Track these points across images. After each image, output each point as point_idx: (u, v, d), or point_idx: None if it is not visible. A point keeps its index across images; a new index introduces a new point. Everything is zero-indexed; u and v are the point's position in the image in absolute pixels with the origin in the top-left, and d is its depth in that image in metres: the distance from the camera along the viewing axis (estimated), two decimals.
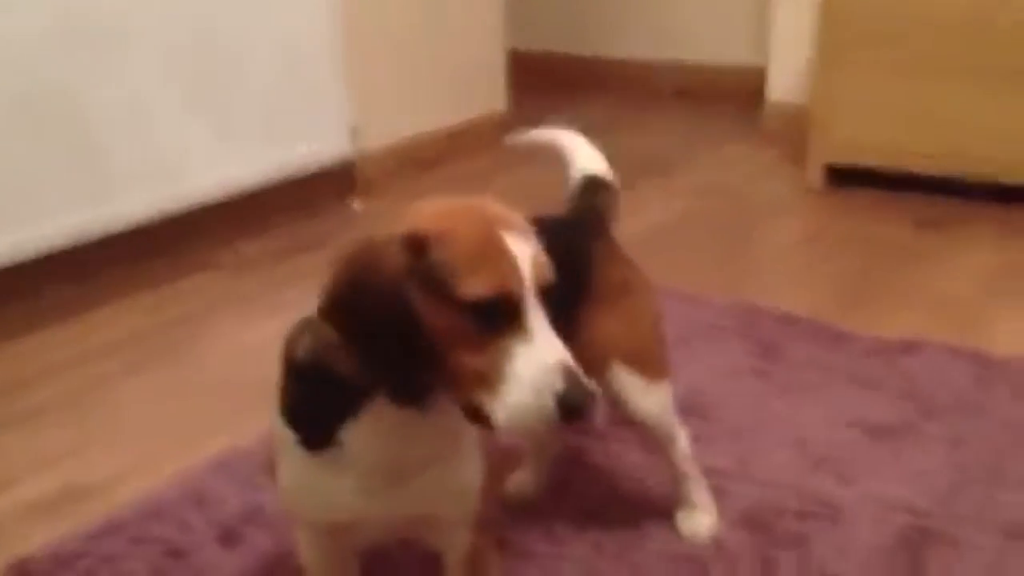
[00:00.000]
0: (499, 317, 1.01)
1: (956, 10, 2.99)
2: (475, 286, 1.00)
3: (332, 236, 3.02)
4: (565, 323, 1.33)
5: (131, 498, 1.81)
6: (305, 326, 1.14)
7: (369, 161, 3.41)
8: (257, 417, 2.08)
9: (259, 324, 2.54)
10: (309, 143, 3.13)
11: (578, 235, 1.49)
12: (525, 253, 1.03)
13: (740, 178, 3.50)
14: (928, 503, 1.67)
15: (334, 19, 3.14)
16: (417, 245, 1.02)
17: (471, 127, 3.83)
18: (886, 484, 1.72)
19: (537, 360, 1.01)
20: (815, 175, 3.33)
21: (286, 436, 1.18)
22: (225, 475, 1.85)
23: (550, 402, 1.00)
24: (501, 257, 1.02)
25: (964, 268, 2.66)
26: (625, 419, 1.55)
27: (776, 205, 3.30)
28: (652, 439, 1.61)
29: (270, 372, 2.32)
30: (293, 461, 1.19)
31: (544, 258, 1.06)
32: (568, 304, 1.38)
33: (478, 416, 1.04)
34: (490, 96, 3.99)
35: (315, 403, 1.14)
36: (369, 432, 1.12)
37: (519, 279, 1.02)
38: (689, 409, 1.97)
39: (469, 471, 1.21)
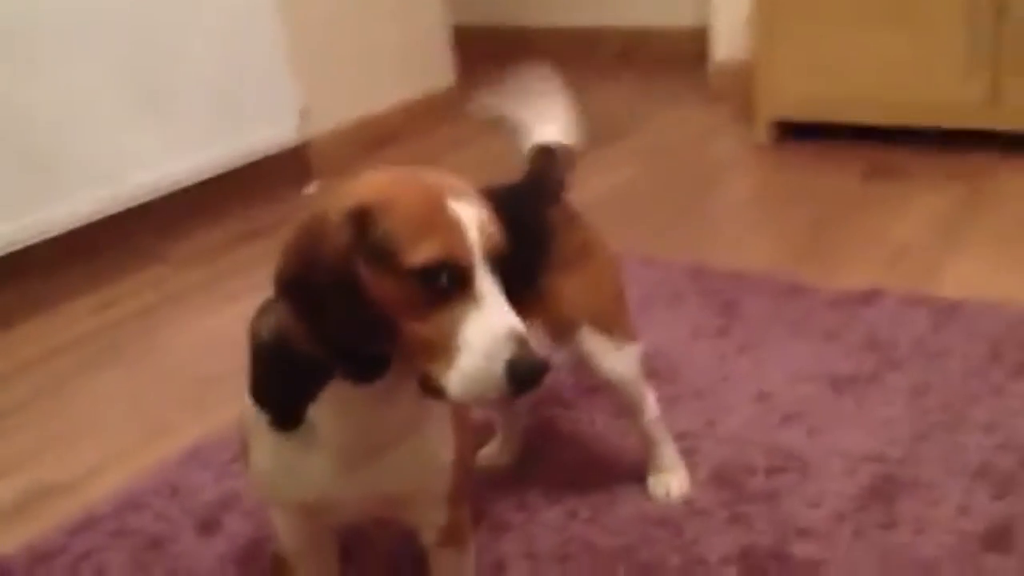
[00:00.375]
0: (447, 284, 1.00)
1: None
2: (420, 253, 0.99)
3: (287, 221, 3.00)
4: (530, 291, 1.37)
5: (105, 493, 1.80)
6: (268, 306, 1.14)
7: (321, 143, 3.39)
8: (222, 405, 2.08)
9: (218, 312, 2.53)
10: (259, 129, 3.10)
11: (534, 202, 1.49)
12: (472, 219, 1.02)
13: (689, 139, 3.51)
14: (895, 451, 1.70)
15: (272, 6, 3.10)
16: (361, 217, 1.01)
17: (421, 104, 3.82)
18: (852, 435, 1.76)
19: (487, 327, 1.00)
20: (762, 131, 3.36)
21: (257, 418, 1.17)
22: (198, 464, 1.85)
23: (500, 370, 0.99)
24: (446, 223, 1.01)
25: (914, 215, 2.70)
26: (594, 383, 1.56)
27: (726, 163, 3.32)
28: (621, 402, 1.63)
29: (230, 360, 2.32)
30: (264, 443, 1.18)
31: (494, 225, 1.05)
32: (531, 272, 1.41)
33: (431, 387, 1.03)
34: (437, 72, 3.98)
35: (281, 383, 1.13)
36: (334, 410, 1.11)
37: (466, 245, 1.01)
38: (652, 372, 1.98)
39: (440, 446, 1.21)
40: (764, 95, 3.31)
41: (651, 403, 1.64)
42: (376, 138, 3.59)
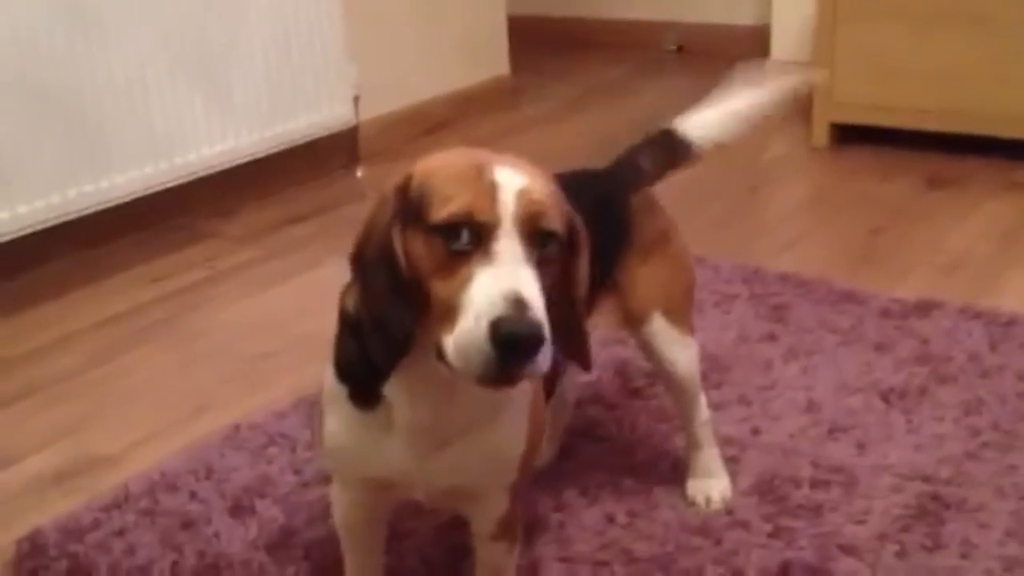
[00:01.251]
0: (467, 241, 0.98)
1: None
2: (445, 209, 0.99)
3: (336, 204, 3.00)
4: (608, 273, 1.41)
5: (142, 469, 1.80)
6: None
7: (373, 128, 3.38)
8: (266, 385, 2.08)
9: (266, 291, 2.53)
10: (313, 111, 3.09)
11: (617, 188, 1.50)
12: (510, 184, 1.00)
13: (744, 138, 3.46)
14: (943, 470, 1.66)
15: None
16: (404, 186, 1.03)
17: (475, 92, 3.80)
18: (901, 451, 1.71)
19: (488, 286, 0.95)
20: (820, 134, 3.30)
21: (337, 391, 1.17)
22: (235, 446, 1.84)
23: (484, 330, 0.93)
24: (479, 185, 0.99)
25: (975, 226, 2.64)
26: (636, 386, 1.53)
27: (782, 165, 3.27)
28: (675, 397, 1.61)
29: (276, 340, 2.33)
30: (342, 416, 1.18)
31: (539, 197, 1.01)
32: (609, 254, 1.43)
33: (440, 354, 1.00)
34: (493, 61, 3.95)
35: (360, 358, 1.10)
36: (405, 389, 1.11)
37: (492, 206, 0.98)
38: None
39: (512, 438, 1.19)
40: (823, 97, 3.25)
41: (704, 404, 1.63)
42: (428, 125, 3.58)
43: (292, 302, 2.44)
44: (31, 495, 1.78)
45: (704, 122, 1.61)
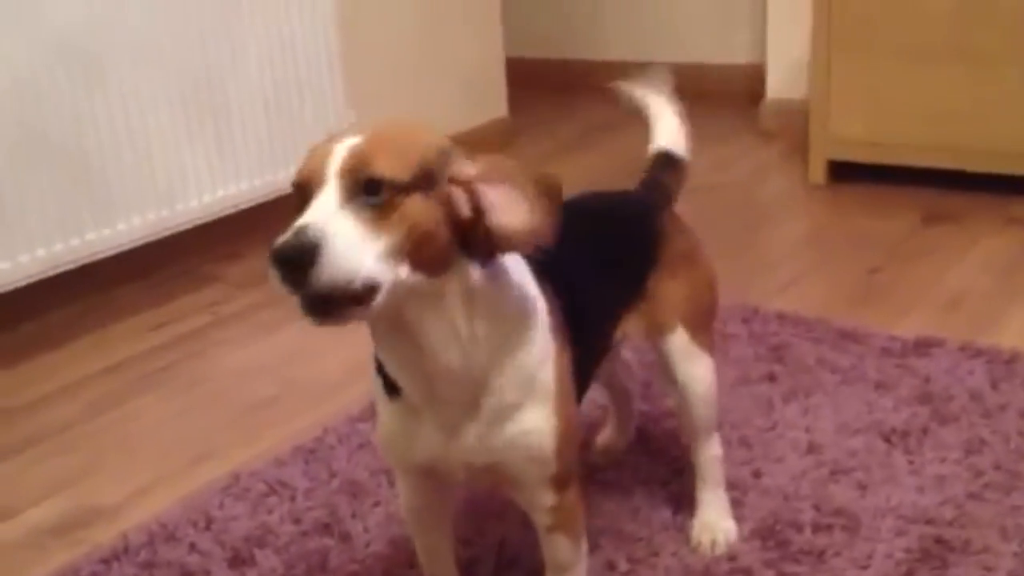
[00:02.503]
0: (303, 200, 1.08)
1: None
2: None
3: None
4: (633, 285, 1.52)
5: (141, 520, 1.80)
6: None
7: None
8: (266, 432, 2.08)
9: (268, 336, 2.53)
10: None
11: (647, 208, 1.60)
12: (343, 146, 1.10)
13: (741, 176, 3.48)
14: (946, 511, 1.65)
15: (331, 33, 3.11)
16: None
17: (474, 134, 3.82)
18: (903, 493, 1.70)
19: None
20: (817, 171, 3.31)
21: (378, 382, 1.27)
22: (235, 495, 1.84)
23: (269, 253, 1.03)
24: (322, 151, 1.10)
25: (973, 262, 2.64)
26: (674, 390, 1.61)
27: (779, 203, 3.28)
28: (691, 418, 1.61)
29: (277, 386, 2.33)
30: (384, 406, 1.28)
31: (364, 150, 1.08)
32: (643, 268, 1.52)
33: None
34: (492, 103, 3.98)
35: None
36: (391, 366, 1.21)
37: (322, 167, 1.08)
38: None
39: (537, 422, 1.24)
40: (819, 134, 3.27)
41: (716, 440, 1.65)
42: None
43: (293, 347, 2.44)
44: (31, 548, 1.78)
45: (669, 133, 1.71)
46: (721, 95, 4.32)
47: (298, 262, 1.02)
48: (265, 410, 2.18)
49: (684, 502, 1.71)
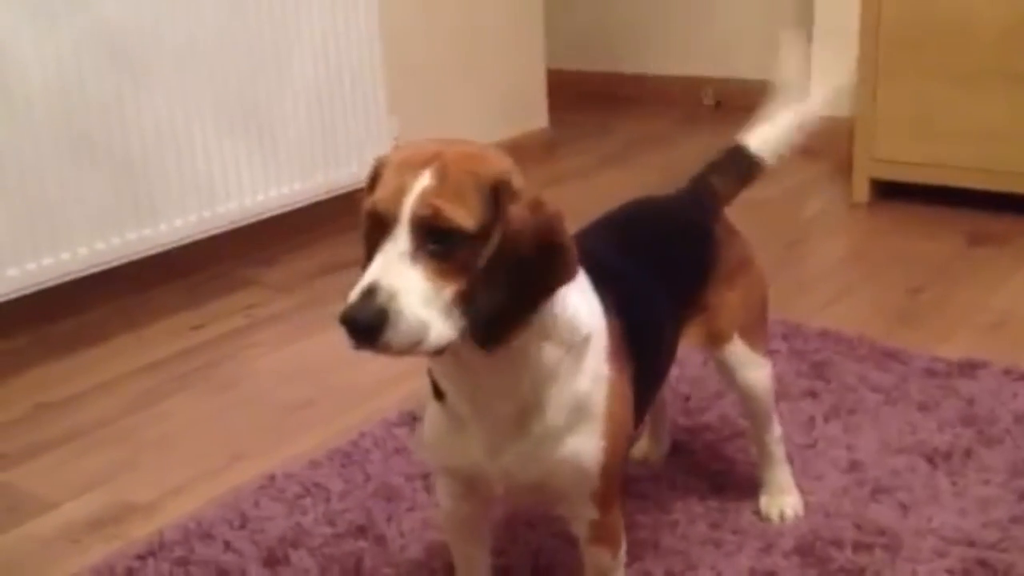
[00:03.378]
0: (376, 230, 1.11)
1: (1000, 17, 2.93)
2: (367, 201, 1.14)
3: None
4: (693, 296, 1.52)
5: (177, 518, 1.80)
6: None
7: None
8: (301, 434, 2.08)
9: (305, 339, 2.53)
10: (353, 161, 3.11)
11: (701, 215, 1.60)
12: (419, 184, 1.09)
13: (784, 193, 3.45)
14: (989, 534, 1.62)
15: (374, 40, 3.12)
16: (372, 172, 1.19)
17: (514, 144, 3.82)
18: (945, 514, 1.67)
19: (364, 275, 1.08)
20: (861, 189, 3.28)
21: (428, 387, 1.28)
22: (271, 495, 1.84)
23: (340, 314, 1.05)
24: (396, 181, 1.11)
25: (1018, 284, 2.60)
26: (734, 392, 1.68)
27: (822, 220, 3.25)
28: (751, 415, 1.69)
29: (313, 388, 2.33)
30: (431, 409, 1.30)
31: (437, 197, 1.08)
32: (701, 279, 1.54)
33: None
34: (533, 114, 3.98)
35: None
36: (442, 375, 1.23)
37: (397, 202, 1.09)
38: (737, 432, 1.94)
39: (586, 447, 1.24)
40: (863, 153, 3.24)
41: (776, 422, 1.70)
42: None
43: (329, 351, 2.44)
44: (67, 542, 1.78)
45: (766, 136, 1.67)
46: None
47: (369, 330, 1.04)
48: (301, 413, 2.18)
49: (722, 517, 1.70)
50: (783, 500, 1.71)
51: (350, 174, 3.09)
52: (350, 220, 3.15)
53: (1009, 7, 2.91)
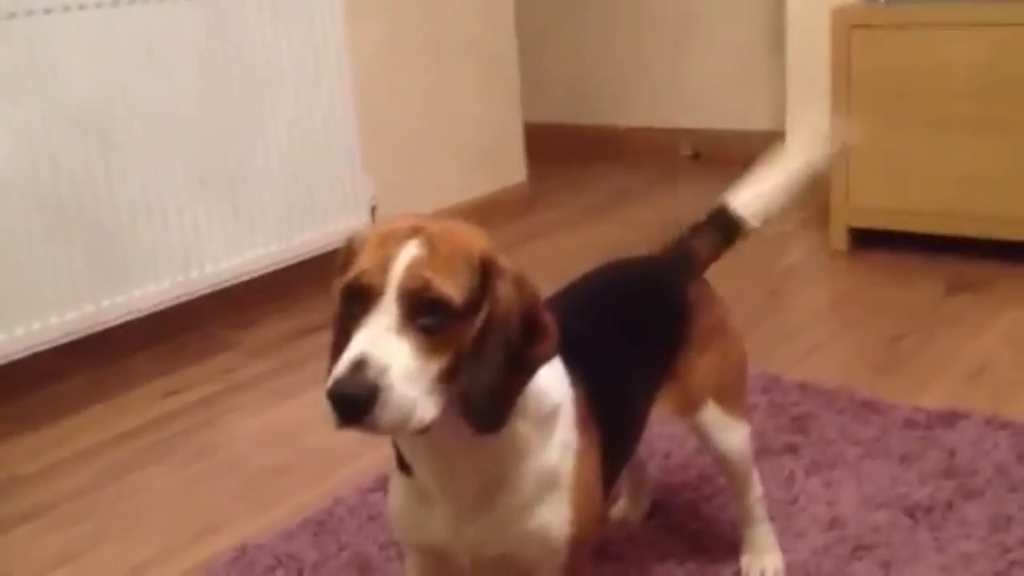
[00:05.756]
0: (357, 305, 1.06)
1: (971, 65, 2.94)
2: (345, 275, 1.09)
3: None
4: (664, 363, 1.49)
5: None
6: None
7: None
8: (274, 502, 2.05)
9: (281, 405, 2.50)
10: (330, 222, 3.09)
11: (675, 278, 1.57)
12: (404, 256, 1.06)
13: (762, 243, 3.42)
14: None
15: (348, 99, 3.12)
16: (345, 248, 1.15)
17: (492, 200, 3.82)
18: (928, 571, 1.65)
19: (349, 348, 1.04)
20: (839, 238, 3.28)
21: (393, 458, 1.25)
22: (240, 570, 1.80)
23: (327, 387, 1.02)
24: (377, 254, 1.07)
25: (998, 332, 2.59)
26: (710, 456, 1.65)
27: (799, 270, 3.24)
28: (730, 478, 1.67)
29: (287, 454, 2.30)
30: (397, 483, 1.27)
31: (426, 269, 1.06)
32: (671, 346, 1.51)
33: None
34: (510, 169, 3.98)
35: None
36: (409, 450, 1.20)
37: (382, 276, 1.05)
38: (720, 491, 1.91)
39: (554, 519, 1.22)
40: (841, 201, 3.24)
41: (756, 481, 1.68)
42: None
43: (304, 415, 2.41)
44: None
45: (753, 197, 1.67)
46: (742, 161, 4.30)
47: (357, 405, 1.01)
48: (276, 479, 2.15)
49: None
50: (764, 560, 1.69)
51: (325, 235, 3.08)
52: (326, 281, 3.17)
53: (981, 54, 2.93)
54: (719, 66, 4.51)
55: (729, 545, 1.74)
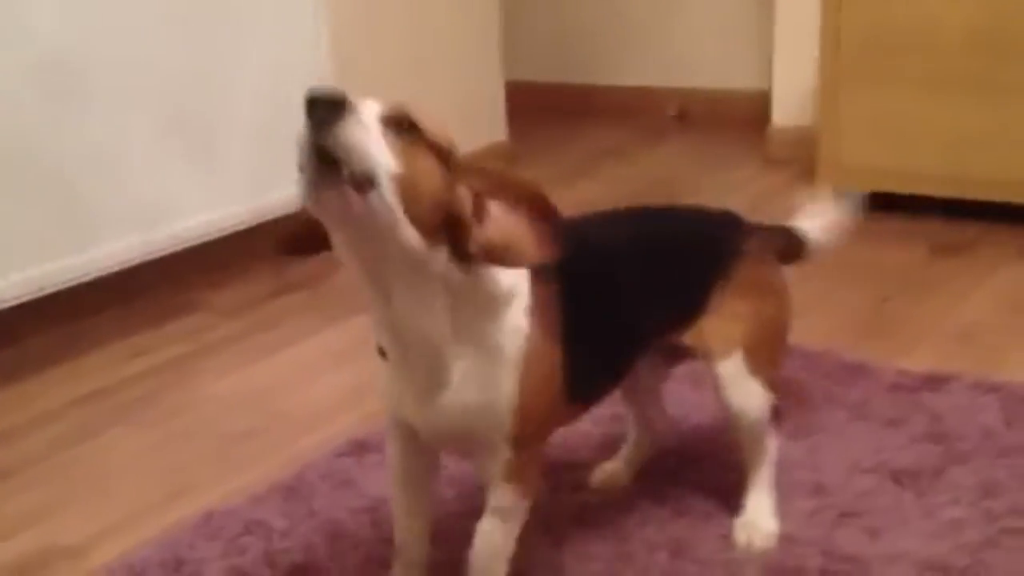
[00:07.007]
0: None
1: (963, 24, 2.88)
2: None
3: (327, 274, 2.91)
4: (693, 298, 1.51)
5: (107, 561, 1.70)
6: None
7: None
8: (244, 465, 1.99)
9: (250, 366, 2.44)
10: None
11: (728, 224, 1.61)
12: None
13: (746, 204, 3.37)
14: (960, 558, 1.54)
15: (323, 54, 3.03)
16: None
17: (474, 158, 3.74)
18: (914, 538, 1.60)
19: None
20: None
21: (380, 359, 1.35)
22: (207, 534, 1.74)
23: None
24: None
25: (985, 295, 2.55)
26: (724, 415, 1.60)
27: None
28: (741, 442, 1.63)
29: (257, 417, 2.24)
30: (381, 367, 1.35)
31: (401, 104, 1.21)
32: (703, 283, 1.52)
33: None
34: (491, 127, 3.91)
35: None
36: (375, 323, 1.29)
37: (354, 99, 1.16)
38: (703, 456, 1.86)
39: (497, 390, 1.29)
40: (826, 163, 3.18)
41: (768, 450, 1.63)
42: None
43: (276, 377, 2.35)
44: None
45: (815, 216, 1.73)
46: (728, 121, 4.25)
47: (331, 108, 1.09)
48: (245, 443, 2.09)
49: (684, 547, 1.62)
50: (755, 528, 1.63)
51: (296, 194, 2.99)
52: None
53: (972, 12, 2.86)
54: (705, 23, 4.43)
55: (713, 510, 1.70)
